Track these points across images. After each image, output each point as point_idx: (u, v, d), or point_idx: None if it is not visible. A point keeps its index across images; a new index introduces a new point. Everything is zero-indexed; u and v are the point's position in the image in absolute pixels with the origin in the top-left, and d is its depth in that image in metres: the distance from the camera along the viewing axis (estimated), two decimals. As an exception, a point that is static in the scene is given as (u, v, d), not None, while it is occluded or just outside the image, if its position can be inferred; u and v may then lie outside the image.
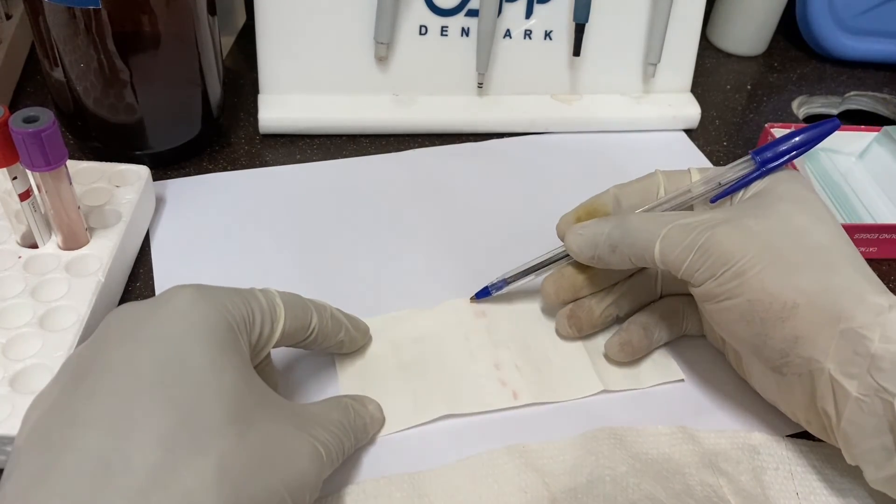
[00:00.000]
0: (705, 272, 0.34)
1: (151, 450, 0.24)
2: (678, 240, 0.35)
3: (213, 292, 0.30)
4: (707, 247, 0.34)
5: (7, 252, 0.39)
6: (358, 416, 0.34)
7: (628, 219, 0.37)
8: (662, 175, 0.39)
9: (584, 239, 0.38)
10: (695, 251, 0.34)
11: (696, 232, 0.34)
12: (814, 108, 0.62)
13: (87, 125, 0.46)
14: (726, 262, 0.33)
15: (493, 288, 0.41)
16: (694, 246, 0.34)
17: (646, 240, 0.36)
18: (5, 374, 0.34)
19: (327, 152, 0.53)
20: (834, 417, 0.32)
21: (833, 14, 0.65)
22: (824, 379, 0.32)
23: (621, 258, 0.37)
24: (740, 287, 0.33)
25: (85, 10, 0.40)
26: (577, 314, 0.40)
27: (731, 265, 0.33)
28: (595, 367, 0.39)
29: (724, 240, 0.34)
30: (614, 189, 0.40)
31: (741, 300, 0.33)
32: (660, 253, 0.35)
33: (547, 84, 0.56)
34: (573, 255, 0.39)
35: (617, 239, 0.37)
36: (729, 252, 0.33)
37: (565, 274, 0.40)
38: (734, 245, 0.33)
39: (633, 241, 0.36)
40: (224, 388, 0.27)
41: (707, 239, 0.34)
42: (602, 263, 0.38)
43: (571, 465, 0.35)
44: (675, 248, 0.35)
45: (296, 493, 0.28)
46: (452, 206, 0.49)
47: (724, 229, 0.34)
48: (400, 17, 0.51)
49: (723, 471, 0.35)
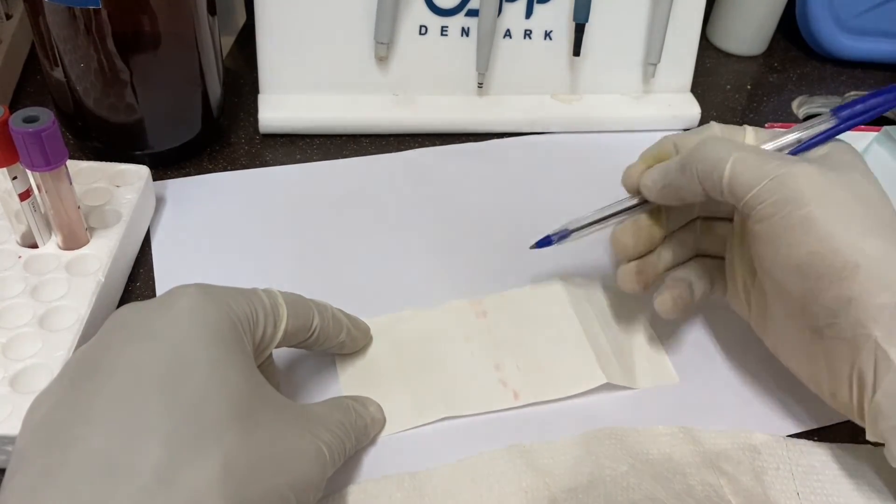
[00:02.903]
0: (771, 206, 0.32)
1: (156, 449, 0.24)
2: (753, 163, 0.33)
3: (216, 292, 0.30)
4: (783, 179, 0.32)
5: (7, 252, 0.39)
6: (359, 417, 0.34)
7: (704, 140, 0.35)
8: (718, 127, 0.38)
9: (657, 170, 0.37)
10: (768, 180, 0.32)
11: (774, 163, 0.32)
12: (814, 108, 0.62)
13: (87, 125, 0.46)
14: (798, 202, 0.31)
15: (556, 237, 0.40)
16: (768, 175, 0.32)
17: (718, 157, 0.33)
18: (5, 374, 0.34)
19: (327, 152, 0.53)
20: (870, 387, 0.31)
21: (833, 14, 0.65)
22: (869, 346, 0.31)
23: (690, 178, 0.34)
24: (806, 234, 0.31)
25: (85, 10, 0.40)
26: (644, 269, 0.38)
27: (802, 207, 0.31)
28: (598, 360, 0.39)
29: (803, 178, 0.32)
30: (672, 137, 0.38)
31: (803, 249, 0.32)
32: (730, 172, 0.33)
33: (547, 84, 0.56)
34: (646, 190, 0.37)
35: (688, 158, 0.35)
36: (803, 192, 0.31)
37: (641, 225, 0.38)
38: (812, 187, 0.32)
39: (706, 156, 0.34)
40: (229, 388, 0.27)
41: (785, 172, 0.32)
42: (672, 192, 0.36)
43: (572, 465, 0.35)
44: (747, 170, 0.32)
45: (300, 493, 0.28)
46: (452, 206, 0.49)
47: (803, 167, 0.32)
48: (400, 17, 0.51)
49: (723, 471, 0.35)
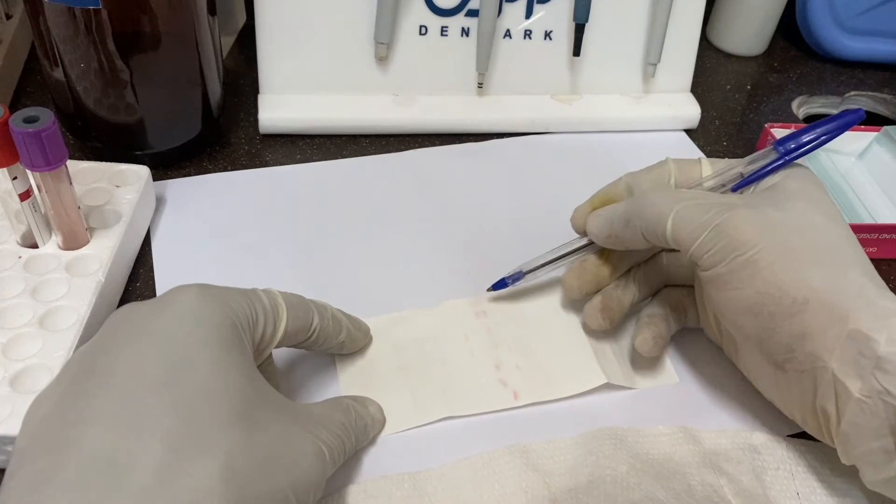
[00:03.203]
0: (716, 255, 0.33)
1: (157, 449, 0.24)
2: (692, 216, 0.34)
3: (217, 292, 0.30)
4: (722, 228, 0.33)
5: (7, 252, 0.39)
6: (359, 417, 0.34)
7: (644, 193, 0.36)
8: (673, 163, 0.39)
9: (602, 219, 0.38)
10: (708, 230, 0.33)
11: (713, 211, 0.33)
12: (814, 108, 0.62)
13: (87, 125, 0.46)
14: (740, 248, 0.33)
15: (511, 279, 0.41)
16: (708, 225, 0.33)
17: (659, 213, 0.35)
18: (5, 374, 0.34)
19: (327, 152, 0.53)
20: (834, 417, 0.32)
21: (833, 14, 0.65)
22: (827, 378, 0.32)
23: (633, 233, 0.36)
24: (751, 277, 0.32)
25: (85, 10, 0.40)
26: (609, 305, 0.39)
27: (744, 252, 0.32)
28: (598, 360, 0.39)
29: (741, 224, 0.33)
30: (626, 178, 0.40)
31: (751, 291, 0.33)
32: (671, 228, 0.34)
33: (547, 84, 0.56)
34: (592, 236, 0.38)
35: (630, 212, 0.36)
36: (744, 238, 0.33)
37: (587, 266, 0.39)
38: (750, 231, 0.33)
39: (646, 213, 0.35)
40: (229, 388, 0.27)
41: (724, 220, 0.33)
42: (618, 242, 0.37)
43: (572, 464, 0.35)
44: (687, 224, 0.34)
45: (300, 492, 0.28)
46: (452, 206, 0.49)
47: (742, 213, 0.33)
48: (400, 17, 0.51)
49: (723, 471, 0.35)
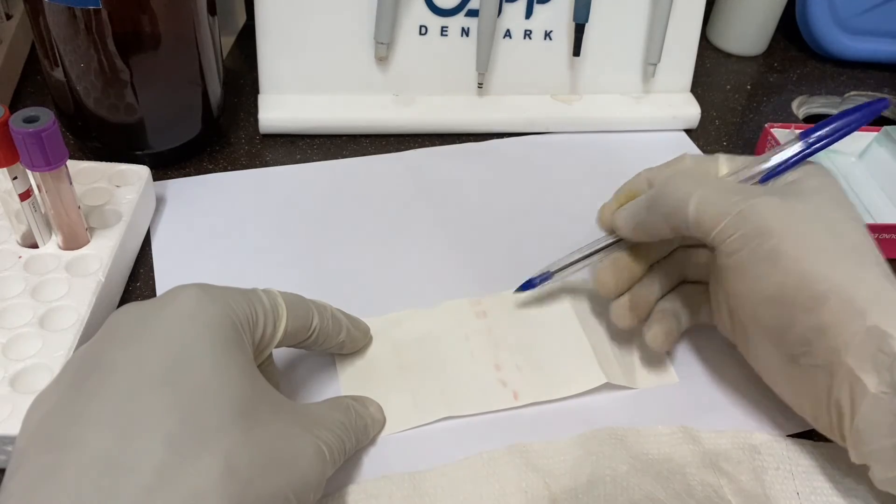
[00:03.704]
0: (739, 240, 0.32)
1: (157, 448, 0.24)
2: (715, 200, 0.33)
3: (217, 292, 0.30)
4: (746, 214, 0.32)
5: (7, 252, 0.39)
6: (359, 417, 0.34)
7: (667, 178, 0.36)
8: (691, 159, 0.39)
9: (627, 211, 0.37)
10: (732, 215, 0.32)
11: (737, 197, 0.33)
12: (814, 108, 0.62)
13: (88, 125, 0.46)
14: (763, 236, 0.32)
15: (539, 279, 0.40)
16: (732, 210, 0.33)
17: (681, 196, 0.34)
18: (5, 374, 0.34)
19: (327, 152, 0.53)
20: (848, 413, 0.32)
21: (833, 14, 0.65)
22: (843, 373, 0.31)
23: (656, 219, 0.35)
24: (774, 267, 0.32)
25: (85, 10, 0.40)
26: (637, 303, 0.38)
27: (768, 240, 0.32)
28: (598, 360, 0.39)
29: (766, 211, 0.32)
30: (644, 172, 0.39)
31: (772, 281, 0.32)
32: (694, 211, 0.33)
33: (547, 84, 0.56)
34: (619, 231, 0.38)
35: (654, 197, 0.35)
36: (769, 225, 0.32)
37: (620, 264, 0.38)
38: (777, 219, 0.32)
39: (669, 197, 0.35)
40: (230, 388, 0.27)
41: (748, 206, 0.32)
42: (644, 232, 0.37)
43: (572, 465, 0.35)
44: (710, 208, 0.33)
45: (300, 492, 0.28)
46: (452, 206, 0.49)
47: (767, 200, 0.33)
48: (400, 17, 0.51)
49: (723, 471, 0.35)
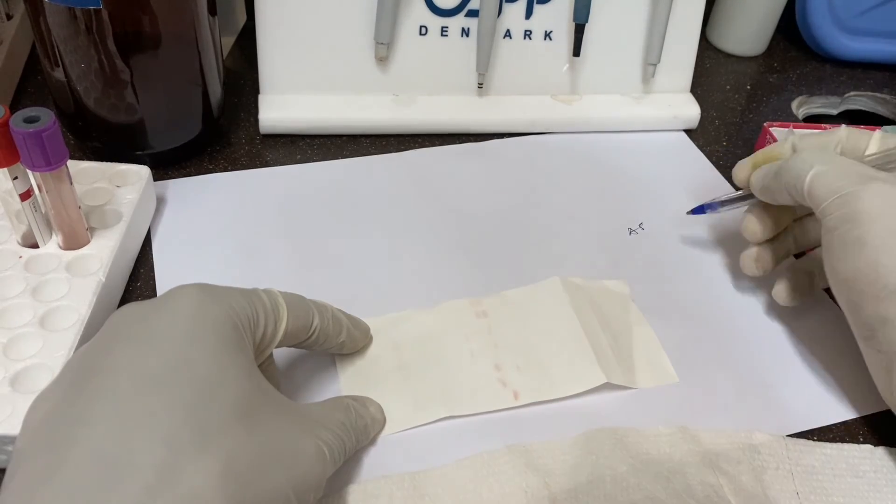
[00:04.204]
0: (836, 220, 0.35)
1: (158, 448, 0.24)
2: (829, 177, 0.35)
3: (217, 292, 0.30)
4: (849, 197, 0.34)
5: (8, 252, 0.39)
6: (359, 417, 0.34)
7: (800, 151, 0.39)
8: (845, 132, 0.40)
9: (761, 172, 0.40)
10: (836, 196, 0.35)
11: (850, 179, 0.35)
12: (813, 108, 0.63)
13: (88, 125, 0.46)
14: (856, 221, 0.34)
15: (707, 207, 0.45)
16: (840, 191, 0.35)
17: (802, 168, 0.37)
18: (6, 374, 0.34)
19: (327, 152, 0.53)
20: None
21: (833, 14, 0.65)
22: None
23: (779, 186, 0.38)
24: (856, 252, 0.34)
25: (85, 10, 0.40)
26: (763, 256, 0.42)
27: (858, 226, 0.34)
28: (598, 360, 0.39)
29: (868, 197, 0.34)
30: (793, 138, 0.41)
31: (850, 264, 0.34)
32: (809, 184, 0.36)
33: (547, 84, 0.56)
34: (752, 188, 0.41)
35: (782, 166, 0.38)
36: (865, 211, 0.34)
37: (767, 213, 0.41)
38: (870, 209, 0.34)
39: (793, 167, 0.37)
40: (230, 388, 0.27)
41: (854, 190, 0.34)
42: (769, 195, 0.40)
43: (572, 464, 0.35)
44: (823, 184, 0.36)
45: (301, 492, 0.28)
46: (452, 207, 0.49)
47: (873, 188, 0.34)
48: (400, 17, 0.51)
49: (723, 471, 0.35)
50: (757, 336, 0.42)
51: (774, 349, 0.42)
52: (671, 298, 0.44)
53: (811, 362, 0.41)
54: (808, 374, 0.40)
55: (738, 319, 0.43)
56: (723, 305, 0.44)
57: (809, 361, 0.41)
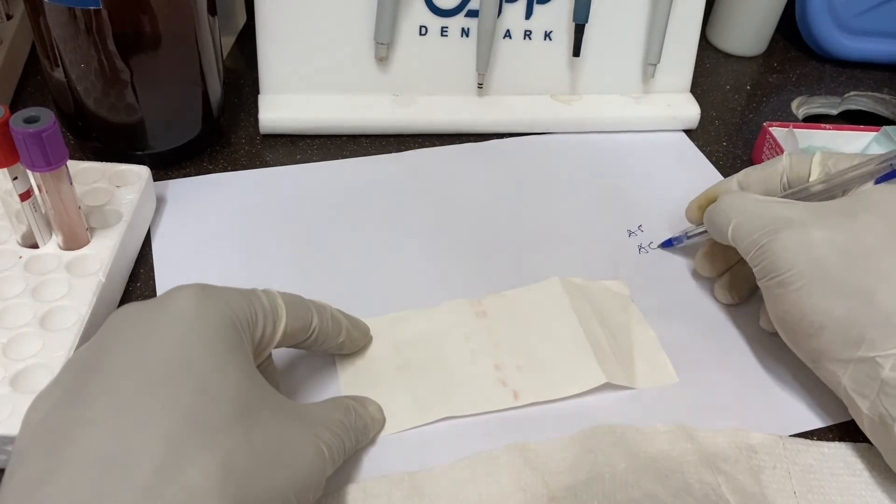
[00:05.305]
0: (759, 272, 0.37)
1: (157, 448, 0.24)
2: (745, 231, 0.38)
3: (216, 292, 0.30)
4: (765, 249, 0.36)
5: (8, 252, 0.39)
6: (359, 417, 0.34)
7: (722, 198, 0.40)
8: (787, 160, 0.41)
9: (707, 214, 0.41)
10: (755, 249, 0.37)
11: (764, 230, 0.37)
12: (813, 108, 0.62)
13: (88, 125, 0.46)
14: (775, 271, 0.36)
15: (675, 241, 0.46)
16: (755, 244, 0.37)
17: (723, 221, 0.39)
18: (6, 374, 0.34)
19: (327, 152, 0.53)
20: (861, 424, 0.35)
21: (832, 14, 0.65)
22: (842, 392, 0.35)
23: (714, 231, 0.40)
24: (780, 297, 0.36)
25: (85, 10, 0.40)
26: (735, 284, 0.43)
27: (777, 274, 0.36)
28: (598, 360, 0.39)
29: (779, 248, 0.36)
30: (740, 175, 0.43)
31: (779, 308, 0.36)
32: (731, 236, 0.38)
33: (547, 84, 0.56)
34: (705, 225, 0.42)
35: (708, 215, 0.41)
36: (779, 261, 0.36)
37: (714, 250, 0.43)
38: (786, 256, 0.35)
39: (715, 219, 0.40)
40: (229, 387, 0.27)
41: (768, 242, 0.36)
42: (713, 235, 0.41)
43: (571, 463, 0.35)
44: (741, 238, 0.38)
45: (300, 492, 0.28)
46: (452, 207, 0.49)
47: (785, 236, 0.36)
48: (400, 17, 0.51)
49: (721, 469, 0.35)
50: (756, 336, 0.42)
51: (773, 349, 0.42)
52: (671, 299, 0.44)
53: (810, 362, 0.41)
54: (807, 374, 0.40)
55: (738, 319, 0.43)
56: (723, 306, 0.44)
57: (809, 361, 0.41)
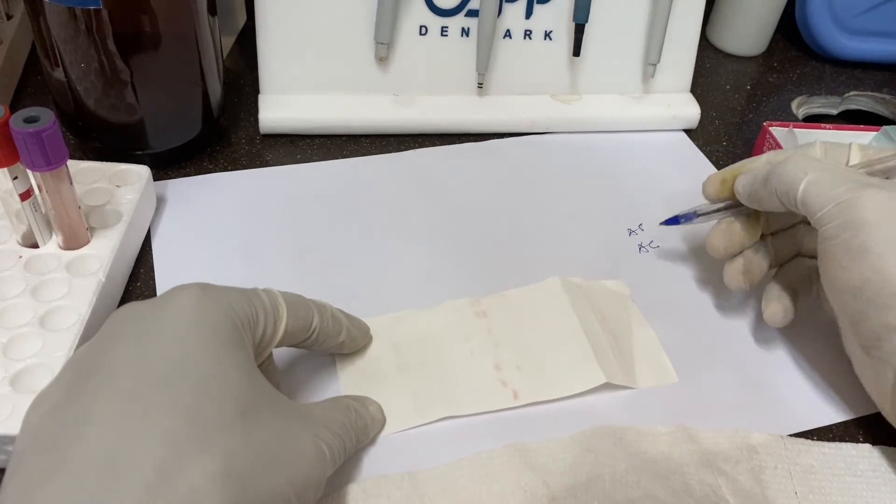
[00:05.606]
0: (836, 228, 0.34)
1: (158, 448, 0.24)
2: (824, 185, 0.34)
3: (217, 291, 0.30)
4: (848, 204, 0.33)
5: (8, 252, 0.39)
6: (359, 417, 0.34)
7: (788, 157, 0.37)
8: (821, 146, 0.39)
9: (747, 177, 0.39)
10: (833, 204, 0.34)
11: (846, 185, 0.34)
12: (813, 108, 0.63)
13: (88, 125, 0.46)
14: (858, 227, 0.33)
15: (683, 218, 0.43)
16: (837, 198, 0.34)
17: (795, 175, 0.35)
18: (6, 374, 0.34)
19: (327, 152, 0.53)
20: None
21: (832, 14, 0.65)
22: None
23: (770, 193, 0.37)
24: (861, 259, 0.33)
25: (85, 10, 0.40)
26: (750, 268, 0.40)
27: (860, 233, 0.33)
28: (598, 360, 0.39)
29: (867, 204, 0.33)
30: (768, 155, 0.40)
31: (856, 272, 0.33)
32: (803, 192, 0.35)
33: (547, 84, 0.56)
34: (738, 194, 0.40)
35: (772, 172, 0.37)
36: (866, 219, 0.33)
37: (732, 229, 0.40)
38: (873, 214, 0.33)
39: (784, 174, 0.36)
40: (230, 387, 0.27)
41: (852, 197, 0.33)
42: (757, 201, 0.38)
43: (571, 463, 0.35)
44: (818, 191, 0.34)
45: (301, 491, 0.28)
46: (452, 207, 0.49)
47: (872, 194, 0.33)
48: (400, 17, 0.51)
49: (721, 470, 0.35)
50: (756, 336, 0.42)
51: (774, 349, 0.42)
52: (671, 298, 0.44)
53: (810, 362, 0.41)
54: (808, 374, 0.40)
55: (737, 319, 0.43)
56: (723, 305, 0.44)
57: (808, 361, 0.41)
